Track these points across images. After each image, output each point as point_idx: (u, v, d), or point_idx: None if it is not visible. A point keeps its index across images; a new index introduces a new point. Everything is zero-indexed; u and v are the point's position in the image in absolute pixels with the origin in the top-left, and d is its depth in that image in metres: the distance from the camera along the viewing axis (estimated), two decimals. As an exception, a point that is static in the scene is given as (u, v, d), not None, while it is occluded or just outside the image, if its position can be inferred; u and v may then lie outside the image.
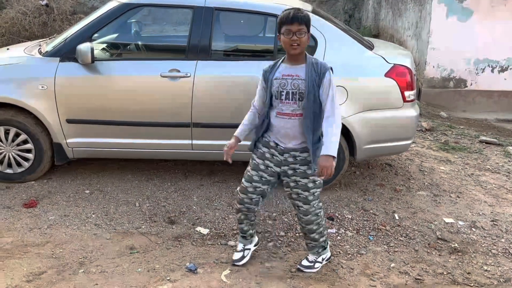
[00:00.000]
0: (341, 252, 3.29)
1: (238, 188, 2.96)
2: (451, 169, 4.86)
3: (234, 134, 2.91)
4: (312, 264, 3.06)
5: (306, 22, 2.64)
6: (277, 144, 2.83)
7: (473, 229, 3.69)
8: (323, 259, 3.10)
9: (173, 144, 3.98)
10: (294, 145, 2.79)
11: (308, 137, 2.73)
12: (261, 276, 2.96)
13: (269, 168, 2.85)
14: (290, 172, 2.84)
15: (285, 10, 2.68)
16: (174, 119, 3.89)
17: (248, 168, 2.92)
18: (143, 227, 3.50)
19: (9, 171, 4.01)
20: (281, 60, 2.82)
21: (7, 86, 3.82)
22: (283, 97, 2.73)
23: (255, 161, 2.87)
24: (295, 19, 2.62)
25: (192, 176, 4.35)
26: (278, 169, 2.85)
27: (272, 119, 2.82)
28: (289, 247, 3.31)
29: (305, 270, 3.04)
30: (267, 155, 2.84)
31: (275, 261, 3.14)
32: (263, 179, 2.86)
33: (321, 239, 3.03)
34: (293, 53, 2.69)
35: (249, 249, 3.13)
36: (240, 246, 3.12)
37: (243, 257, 3.08)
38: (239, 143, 2.92)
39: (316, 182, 2.87)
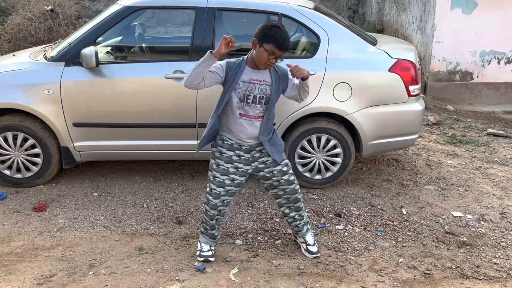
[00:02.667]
0: (349, 248, 3.30)
1: (207, 194, 2.96)
2: (458, 163, 4.83)
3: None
4: (315, 244, 3.22)
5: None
6: (240, 145, 2.88)
7: (482, 222, 3.67)
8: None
9: (179, 145, 4.00)
10: (256, 142, 2.91)
11: (264, 138, 2.87)
12: (269, 274, 2.98)
13: (239, 169, 2.90)
14: (261, 166, 2.94)
15: (276, 28, 2.68)
16: (180, 120, 3.91)
17: (215, 173, 2.90)
18: (151, 228, 3.53)
19: (18, 175, 4.05)
20: (244, 62, 2.82)
21: (14, 92, 3.86)
22: (250, 101, 2.80)
23: (223, 166, 2.88)
24: (285, 48, 2.69)
25: (199, 176, 4.37)
26: (248, 167, 2.92)
27: (232, 119, 2.84)
28: (296, 244, 3.32)
29: (317, 253, 3.16)
30: (234, 157, 2.88)
31: (283, 259, 3.15)
32: (236, 181, 2.91)
33: (306, 215, 3.20)
34: (264, 69, 2.79)
35: (213, 248, 3.15)
36: (207, 247, 3.10)
37: (213, 254, 3.09)
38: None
39: (288, 164, 3.02)
